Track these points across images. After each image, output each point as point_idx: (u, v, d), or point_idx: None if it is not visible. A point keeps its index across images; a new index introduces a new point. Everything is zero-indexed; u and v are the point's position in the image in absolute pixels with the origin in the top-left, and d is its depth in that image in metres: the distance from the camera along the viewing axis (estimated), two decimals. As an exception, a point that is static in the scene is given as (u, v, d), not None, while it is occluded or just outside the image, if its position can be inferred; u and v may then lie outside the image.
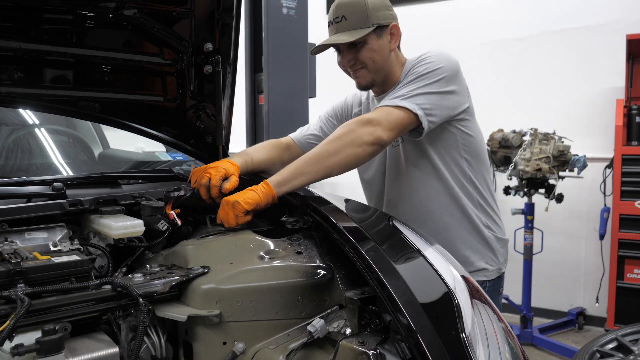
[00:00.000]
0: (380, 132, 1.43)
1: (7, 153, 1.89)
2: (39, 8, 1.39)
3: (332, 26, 1.59)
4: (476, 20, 4.54)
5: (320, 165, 1.42)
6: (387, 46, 1.60)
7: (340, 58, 1.62)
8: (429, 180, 1.63)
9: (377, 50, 1.58)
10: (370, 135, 1.42)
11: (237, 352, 1.06)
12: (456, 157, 1.62)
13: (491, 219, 1.70)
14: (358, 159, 1.45)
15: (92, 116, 1.68)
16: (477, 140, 1.65)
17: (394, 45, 1.62)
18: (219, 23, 1.53)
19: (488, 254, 1.67)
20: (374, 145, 1.44)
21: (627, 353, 2.78)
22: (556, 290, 4.34)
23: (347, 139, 1.43)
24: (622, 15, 4.02)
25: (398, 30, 1.62)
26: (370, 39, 1.56)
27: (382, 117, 1.45)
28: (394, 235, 1.25)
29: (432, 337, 0.91)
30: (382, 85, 1.66)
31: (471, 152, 1.64)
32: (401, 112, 1.46)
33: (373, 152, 1.46)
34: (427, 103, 1.48)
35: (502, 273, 1.73)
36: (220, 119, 1.65)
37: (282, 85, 3.35)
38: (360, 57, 1.57)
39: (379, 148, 1.47)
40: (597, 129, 4.12)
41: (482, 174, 1.68)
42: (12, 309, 0.88)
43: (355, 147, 1.42)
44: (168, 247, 1.31)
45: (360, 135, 1.42)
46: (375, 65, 1.59)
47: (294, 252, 1.22)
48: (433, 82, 1.50)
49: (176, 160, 2.05)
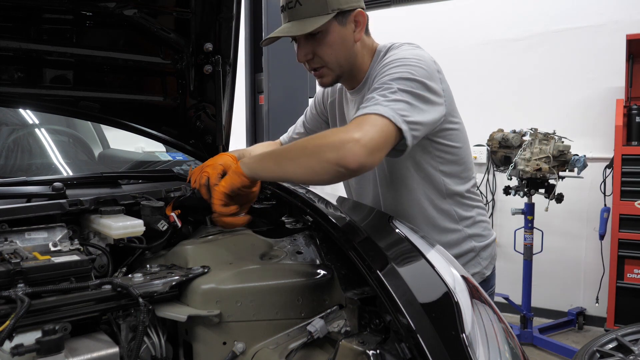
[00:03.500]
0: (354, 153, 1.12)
1: (7, 153, 1.88)
2: (39, 8, 1.39)
3: (285, 12, 1.36)
4: (476, 20, 4.54)
5: (275, 166, 1.23)
6: (351, 36, 1.39)
7: (297, 51, 1.41)
8: (399, 200, 1.51)
9: (340, 41, 1.37)
10: (337, 154, 1.13)
11: (237, 352, 1.06)
12: (430, 172, 1.47)
13: (473, 226, 1.56)
14: (314, 174, 1.17)
15: (92, 116, 1.68)
16: (458, 148, 1.47)
17: (359, 35, 1.40)
18: (219, 23, 1.53)
19: (467, 263, 1.55)
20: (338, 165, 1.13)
21: (627, 353, 2.77)
22: (556, 290, 4.34)
23: (310, 147, 1.19)
24: (622, 15, 4.02)
25: (364, 16, 1.39)
26: (330, 28, 1.34)
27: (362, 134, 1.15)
28: (393, 235, 1.25)
29: (432, 337, 0.91)
30: (349, 79, 1.48)
31: (449, 162, 1.47)
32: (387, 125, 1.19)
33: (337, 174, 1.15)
34: (411, 116, 1.23)
35: (487, 276, 1.61)
36: (220, 119, 1.65)
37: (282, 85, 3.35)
38: (320, 51, 1.37)
39: (346, 172, 1.15)
40: (597, 129, 4.12)
41: (464, 180, 1.53)
42: (12, 309, 0.87)
43: (312, 159, 1.16)
44: (168, 247, 1.31)
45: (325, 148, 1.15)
46: (338, 60, 1.39)
47: (294, 252, 1.22)
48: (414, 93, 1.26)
49: (176, 160, 2.05)
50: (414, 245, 1.20)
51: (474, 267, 1.59)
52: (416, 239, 1.24)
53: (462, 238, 1.55)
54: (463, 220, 1.55)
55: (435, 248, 1.27)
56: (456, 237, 1.54)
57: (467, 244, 1.56)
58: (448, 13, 4.67)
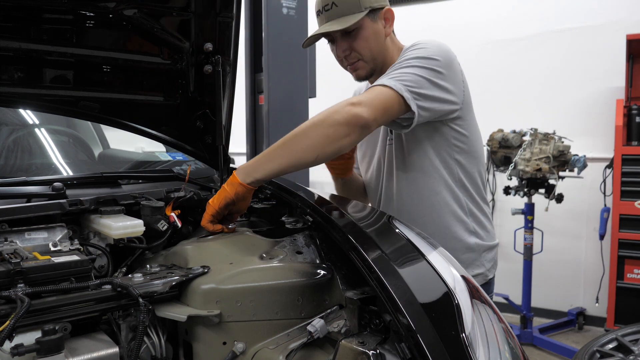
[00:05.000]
0: (360, 110, 1.27)
1: (7, 153, 1.88)
2: (39, 8, 1.39)
3: (322, 15, 1.49)
4: (476, 20, 4.54)
5: (287, 149, 1.27)
6: (382, 31, 1.51)
7: (335, 48, 1.54)
8: (414, 185, 1.57)
9: (373, 36, 1.49)
10: (346, 114, 1.26)
11: (237, 352, 1.06)
12: (446, 158, 1.54)
13: (480, 224, 1.61)
14: (330, 140, 1.26)
15: (92, 116, 1.68)
16: (471, 139, 1.56)
17: (389, 30, 1.54)
18: (219, 23, 1.53)
19: (471, 262, 1.58)
20: (350, 125, 1.26)
21: (627, 353, 2.78)
22: (556, 290, 4.34)
23: (317, 119, 1.28)
24: (622, 15, 4.02)
25: (392, 13, 1.53)
26: (364, 24, 1.46)
27: (364, 97, 1.31)
28: (393, 235, 1.25)
29: (432, 337, 0.91)
30: (380, 74, 1.54)
31: (464, 152, 1.55)
32: (388, 91, 1.33)
33: (349, 133, 1.27)
34: (417, 87, 1.36)
35: (490, 279, 1.64)
36: (220, 119, 1.65)
37: (282, 85, 3.35)
38: (356, 45, 1.49)
39: (358, 129, 1.28)
40: (597, 129, 4.12)
41: (474, 174, 1.59)
42: (12, 309, 0.88)
43: (325, 127, 1.25)
44: (168, 247, 1.31)
45: (332, 114, 1.27)
46: (372, 53, 1.51)
47: (294, 252, 1.22)
48: (425, 68, 1.38)
49: (176, 160, 2.05)
50: (414, 245, 1.20)
51: (477, 268, 1.60)
52: (416, 239, 1.24)
53: (468, 232, 1.58)
54: (471, 214, 1.59)
55: (435, 248, 1.27)
56: (463, 228, 1.58)
57: (471, 239, 1.59)
58: (448, 13, 4.67)
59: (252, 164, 1.29)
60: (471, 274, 1.56)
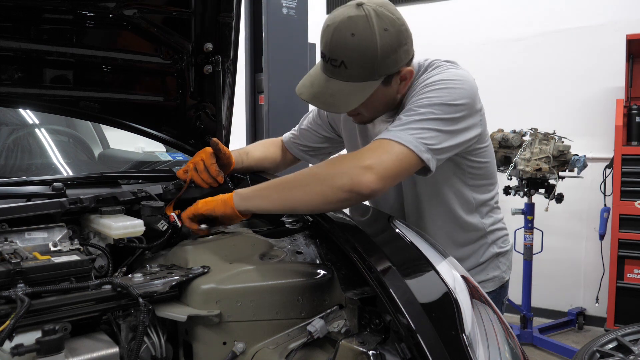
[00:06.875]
0: (368, 179, 1.12)
1: (7, 153, 1.89)
2: (39, 8, 1.39)
3: (327, 65, 1.26)
4: (476, 20, 4.54)
5: (283, 194, 1.21)
6: (395, 90, 1.32)
7: None
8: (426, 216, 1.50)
9: (382, 100, 1.32)
10: (351, 180, 1.12)
11: (237, 352, 1.06)
12: (460, 188, 1.46)
13: (497, 234, 1.59)
14: (326, 202, 1.16)
15: (92, 116, 1.68)
16: (487, 163, 1.47)
17: (404, 89, 1.33)
18: (219, 23, 1.53)
19: (488, 267, 1.58)
20: (352, 192, 1.13)
21: (627, 353, 2.78)
22: (556, 290, 4.34)
23: (322, 174, 1.18)
24: (622, 15, 4.02)
25: (412, 73, 1.30)
26: (375, 90, 1.27)
27: (377, 159, 1.14)
28: (394, 235, 1.25)
29: (432, 337, 0.91)
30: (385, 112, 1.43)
31: (480, 176, 1.48)
32: (405, 152, 1.16)
33: (349, 199, 1.15)
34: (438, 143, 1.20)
35: (506, 281, 1.63)
36: (220, 119, 1.65)
37: (282, 85, 3.35)
38: (359, 108, 1.32)
39: (360, 198, 1.15)
40: (597, 129, 4.12)
41: (490, 189, 1.54)
42: (12, 309, 0.88)
43: (326, 186, 1.15)
44: (168, 247, 1.31)
45: (339, 175, 1.14)
46: (377, 112, 1.38)
47: (294, 252, 1.22)
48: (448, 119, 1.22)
49: (176, 160, 2.05)
50: (415, 245, 1.20)
51: (493, 271, 1.59)
52: (417, 239, 1.24)
53: (485, 246, 1.56)
54: (489, 233, 1.56)
55: (436, 248, 1.27)
56: (478, 246, 1.56)
57: (489, 251, 1.57)
58: (448, 13, 4.67)
59: (251, 193, 1.25)
60: (488, 276, 1.58)
